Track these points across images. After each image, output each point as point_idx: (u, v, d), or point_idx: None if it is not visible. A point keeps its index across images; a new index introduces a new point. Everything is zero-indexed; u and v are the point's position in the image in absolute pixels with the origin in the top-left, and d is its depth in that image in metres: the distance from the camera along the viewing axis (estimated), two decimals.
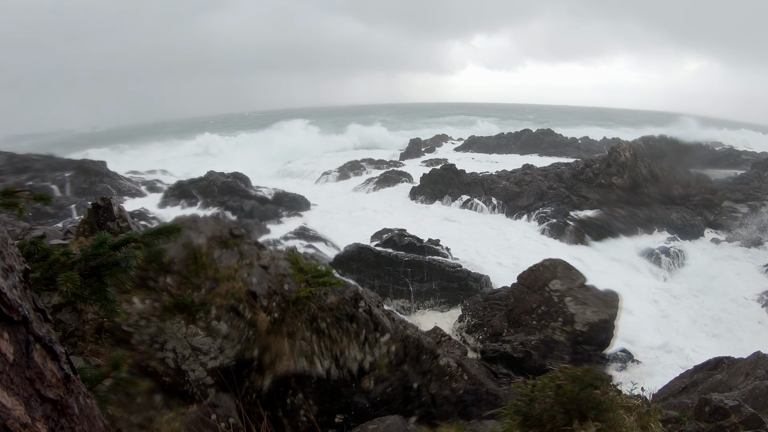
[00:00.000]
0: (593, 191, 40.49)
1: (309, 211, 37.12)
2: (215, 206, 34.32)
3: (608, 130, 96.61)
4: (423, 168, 50.43)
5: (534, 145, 74.56)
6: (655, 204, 38.00)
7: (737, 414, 7.14)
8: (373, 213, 39.21)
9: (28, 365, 1.54)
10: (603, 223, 33.83)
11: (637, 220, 34.63)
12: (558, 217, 35.33)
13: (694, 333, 21.65)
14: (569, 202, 38.75)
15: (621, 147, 43.01)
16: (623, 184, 40.34)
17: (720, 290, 26.13)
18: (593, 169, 42.28)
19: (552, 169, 45.57)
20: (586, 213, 36.32)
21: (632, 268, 28.85)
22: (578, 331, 17.36)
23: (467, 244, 30.13)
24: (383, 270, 23.00)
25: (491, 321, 19.17)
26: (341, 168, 51.49)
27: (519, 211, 37.52)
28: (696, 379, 12.27)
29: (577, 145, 75.61)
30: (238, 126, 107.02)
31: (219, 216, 22.14)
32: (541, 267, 19.54)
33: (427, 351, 10.12)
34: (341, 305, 9.29)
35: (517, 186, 40.32)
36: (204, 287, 8.50)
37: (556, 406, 3.98)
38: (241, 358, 8.13)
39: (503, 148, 74.33)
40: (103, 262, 2.49)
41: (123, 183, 44.13)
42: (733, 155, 67.57)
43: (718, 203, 40.22)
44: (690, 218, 36.29)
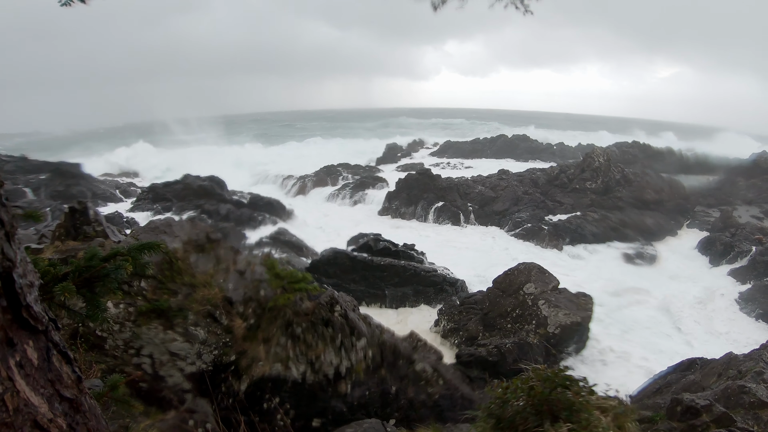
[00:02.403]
0: (568, 196, 40.99)
1: (285, 216, 36.99)
2: (191, 210, 34.00)
3: (583, 136, 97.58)
4: (399, 173, 50.56)
5: (509, 150, 75.07)
6: (629, 208, 38.50)
7: (708, 413, 7.29)
8: (349, 217, 39.27)
9: (49, 368, 1.76)
10: (577, 227, 34.18)
11: (610, 223, 35.04)
12: (533, 221, 35.62)
13: (670, 334, 21.95)
14: (544, 206, 39.13)
15: (595, 153, 43.61)
16: (597, 188, 40.89)
17: (693, 292, 26.55)
18: (568, 175, 42.81)
19: (527, 174, 45.93)
20: (560, 217, 36.69)
21: (606, 271, 29.19)
22: (551, 333, 17.58)
23: (442, 248, 30.29)
24: (359, 274, 23.02)
25: (467, 325, 19.31)
26: (317, 173, 51.36)
27: (494, 216, 37.73)
28: (670, 380, 12.48)
29: (552, 151, 76.26)
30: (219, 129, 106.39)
31: (195, 220, 22.04)
32: (515, 271, 19.76)
33: (404, 356, 10.19)
34: (317, 310, 9.31)
35: (493, 191, 40.62)
36: (181, 293, 8.49)
37: (528, 408, 4.07)
38: (219, 362, 8.14)
39: (479, 153, 74.69)
40: (95, 274, 2.64)
41: (98, 186, 43.43)
42: (706, 160, 68.49)
43: (691, 208, 40.92)
44: (664, 222, 36.80)
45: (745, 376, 9.30)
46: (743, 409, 8.14)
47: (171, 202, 35.65)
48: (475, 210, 38.69)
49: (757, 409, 8.10)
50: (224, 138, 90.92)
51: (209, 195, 36.34)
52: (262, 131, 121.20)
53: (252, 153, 71.09)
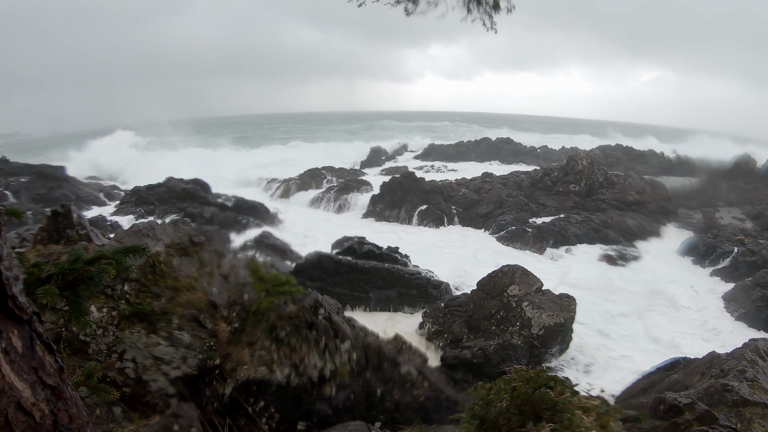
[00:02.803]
0: (551, 198, 41.27)
1: (269, 219, 36.86)
2: (174, 213, 33.74)
3: (566, 140, 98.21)
4: (383, 176, 50.58)
5: (493, 153, 75.35)
6: (611, 210, 38.79)
7: (691, 411, 7.39)
8: (333, 221, 39.23)
9: (33, 356, 1.86)
10: (560, 229, 34.36)
11: (592, 225, 35.26)
12: (517, 224, 35.76)
13: (653, 334, 22.09)
14: (528, 209, 39.35)
15: (578, 156, 43.88)
16: (580, 191, 41.21)
17: (676, 292, 26.79)
18: (551, 177, 43.09)
19: (511, 177, 46.12)
20: (544, 220, 36.89)
21: (588, 272, 29.36)
22: (535, 334, 17.68)
23: (426, 251, 30.35)
24: (343, 278, 23.00)
25: (451, 327, 19.36)
26: (302, 176, 51.21)
27: (478, 219, 37.86)
28: (654, 379, 12.58)
29: (536, 154, 76.64)
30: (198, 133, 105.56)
31: (178, 223, 21.92)
32: (499, 273, 19.83)
33: (389, 359, 10.20)
34: (301, 313, 9.31)
35: (477, 194, 40.72)
36: (164, 296, 8.46)
37: (511, 409, 4.10)
38: (204, 366, 8.12)
39: (463, 156, 74.88)
40: (79, 276, 2.67)
41: (82, 189, 42.84)
42: (688, 162, 69.20)
43: (673, 209, 41.28)
44: (646, 224, 37.10)
45: (728, 374, 9.42)
46: (726, 407, 8.26)
47: (154, 206, 35.37)
48: (459, 213, 38.77)
49: (740, 406, 8.22)
50: (207, 141, 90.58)
51: (193, 198, 36.11)
52: (245, 134, 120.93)
53: (236, 156, 70.85)
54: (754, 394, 8.58)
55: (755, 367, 9.55)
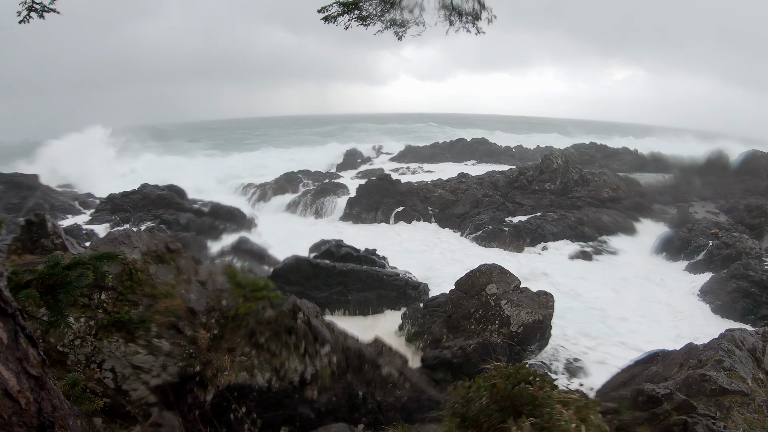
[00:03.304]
0: (527, 197, 41.51)
1: (246, 224, 36.71)
2: (150, 220, 33.42)
3: (541, 139, 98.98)
4: (359, 179, 50.56)
5: (469, 153, 75.65)
6: (587, 207, 39.17)
7: (669, 401, 7.52)
8: (311, 224, 39.19)
9: (18, 348, 1.96)
10: (537, 228, 34.63)
11: (568, 222, 35.56)
12: (493, 223, 35.97)
13: (630, 328, 22.33)
14: (504, 209, 39.56)
15: (553, 155, 44.24)
16: (556, 189, 41.54)
17: (652, 286, 27.15)
18: (527, 177, 43.33)
19: (487, 177, 46.30)
20: (520, 219, 37.14)
21: (565, 268, 29.63)
22: (514, 332, 17.79)
23: (404, 253, 30.41)
24: (322, 281, 22.95)
25: (431, 328, 19.40)
26: (278, 180, 51.01)
27: (455, 219, 38.02)
28: (633, 372, 12.72)
29: (511, 154, 77.10)
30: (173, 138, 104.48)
31: (154, 230, 21.74)
32: (477, 272, 19.92)
33: (369, 361, 10.23)
34: (279, 318, 9.31)
35: (453, 194, 40.89)
36: (142, 304, 8.41)
37: (491, 405, 4.14)
38: (184, 374, 8.08)
39: (438, 157, 75.06)
40: (58, 281, 2.71)
41: (56, 198, 41.98)
42: (661, 159, 70.08)
43: (647, 205, 41.75)
44: (621, 220, 37.48)
45: (706, 364, 9.58)
46: (705, 397, 8.41)
47: (130, 213, 34.99)
48: (435, 214, 38.93)
49: (719, 395, 8.39)
50: (181, 146, 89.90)
51: (168, 204, 35.80)
52: (220, 138, 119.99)
53: (211, 161, 70.35)
54: (732, 383, 8.75)
55: (732, 356, 9.72)
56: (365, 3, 7.24)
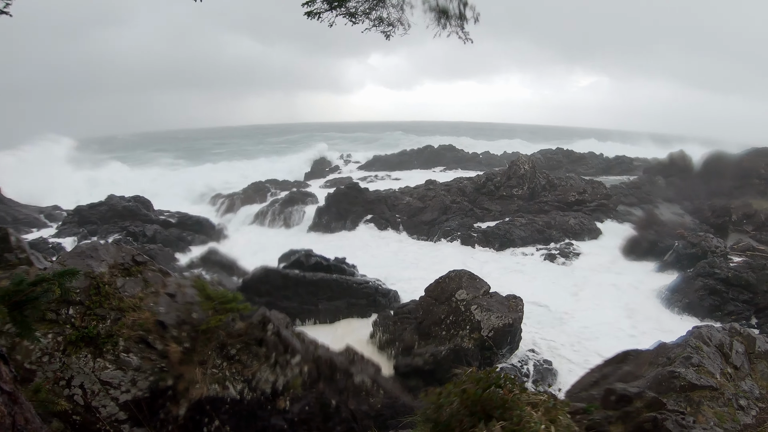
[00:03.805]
0: (495, 203, 41.95)
1: (215, 234, 36.45)
2: (116, 232, 32.95)
3: (508, 145, 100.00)
4: (328, 188, 50.52)
5: (436, 160, 76.14)
6: (554, 211, 39.72)
7: (640, 399, 7.64)
8: (279, 234, 39.02)
9: None
10: (505, 233, 34.93)
11: (536, 227, 35.95)
12: (462, 229, 36.25)
13: (600, 329, 22.59)
14: (472, 214, 39.87)
15: (520, 160, 44.86)
16: (523, 194, 42.05)
17: (620, 287, 27.53)
18: (495, 182, 43.75)
19: (454, 183, 46.61)
20: (489, 224, 37.46)
21: (533, 272, 29.93)
22: (485, 336, 17.91)
23: (373, 261, 30.44)
24: (291, 291, 22.83)
25: (402, 335, 19.43)
26: (245, 190, 50.74)
27: (423, 226, 38.18)
28: (605, 372, 12.86)
29: (479, 160, 77.72)
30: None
31: (121, 242, 21.45)
32: (446, 278, 20.02)
33: (341, 370, 10.24)
34: (249, 330, 9.28)
35: (421, 201, 41.09)
36: (109, 318, 8.33)
37: (462, 410, 4.20)
38: (155, 388, 8.00)
39: (406, 164, 75.40)
40: (24, 297, 2.73)
41: (20, 211, 40.79)
42: (626, 162, 71.36)
43: (613, 207, 42.41)
44: (587, 222, 37.96)
45: (675, 362, 9.77)
46: (675, 393, 8.60)
47: (97, 225, 34.48)
48: (403, 221, 39.05)
49: (688, 391, 8.58)
50: (147, 156, 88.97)
51: (135, 216, 35.37)
52: (186, 148, 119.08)
53: (177, 171, 69.67)
54: (701, 378, 8.96)
55: (700, 352, 9.92)
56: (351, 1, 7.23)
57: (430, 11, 7.25)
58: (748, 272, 25.57)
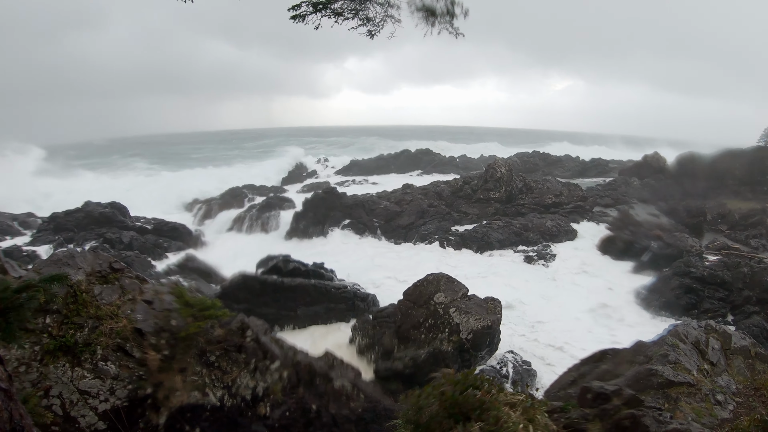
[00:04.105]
0: (472, 206, 42.18)
1: (192, 241, 36.22)
2: (93, 239, 32.59)
3: (484, 148, 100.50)
4: (305, 193, 50.45)
5: (413, 165, 76.40)
6: (531, 213, 40.07)
7: (618, 397, 7.74)
8: (257, 239, 38.84)
9: None
10: (483, 236, 35.11)
11: (513, 229, 36.16)
12: (439, 233, 36.42)
13: (577, 329, 22.81)
14: (450, 218, 40.06)
15: (497, 163, 45.08)
16: (500, 197, 42.31)
17: (597, 288, 27.83)
18: (471, 186, 44.01)
19: (431, 187, 46.79)
20: (466, 227, 37.65)
21: (511, 274, 30.11)
22: (464, 339, 18.00)
23: (351, 265, 30.42)
24: (270, 297, 22.74)
25: (381, 339, 19.46)
26: (223, 195, 50.50)
27: (400, 230, 38.29)
28: (583, 371, 12.96)
29: (456, 164, 78.13)
30: None
31: (97, 249, 21.21)
32: (425, 282, 20.08)
33: (320, 374, 10.26)
34: (229, 336, 9.27)
35: (398, 206, 41.18)
36: (87, 326, 8.26)
37: (441, 412, 4.26)
38: (134, 397, 7.95)
39: (383, 169, 75.56)
40: (9, 304, 2.75)
41: None
42: (601, 164, 72.17)
43: (589, 209, 42.85)
44: (564, 224, 38.28)
45: (653, 359, 9.91)
46: (653, 390, 8.73)
47: (73, 232, 34.05)
48: (381, 225, 39.09)
49: (666, 388, 8.72)
50: (123, 162, 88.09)
51: (111, 222, 35.02)
52: (163, 153, 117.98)
53: (154, 176, 68.97)
54: (678, 375, 9.11)
55: (677, 350, 10.08)
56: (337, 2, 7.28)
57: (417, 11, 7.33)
58: (724, 270, 26.08)
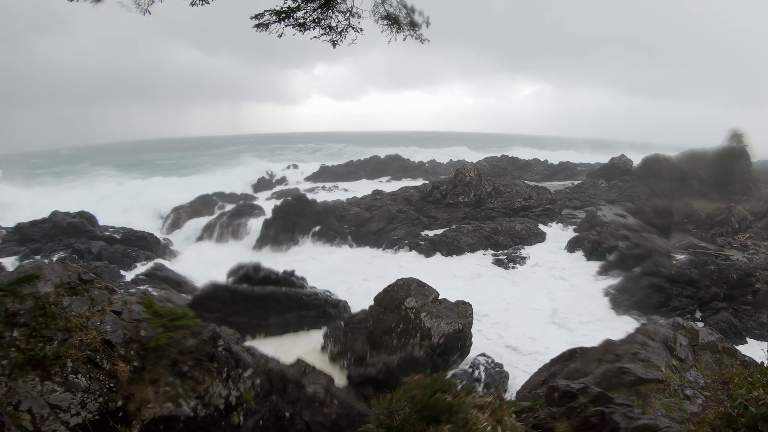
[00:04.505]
0: (442, 211, 42.47)
1: (161, 250, 35.81)
2: (61, 250, 32.02)
3: (452, 153, 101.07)
4: (275, 200, 50.19)
5: (383, 170, 76.47)
6: (501, 217, 40.56)
7: (584, 395, 7.88)
8: (228, 248, 38.58)
9: None
10: (453, 240, 35.35)
11: (483, 233, 36.47)
12: (409, 238, 36.60)
13: (547, 330, 23.11)
14: (419, 223, 40.33)
15: (466, 168, 45.44)
16: (470, 202, 42.66)
17: (566, 288, 28.21)
18: (441, 191, 44.28)
19: (401, 192, 47.09)
20: (436, 232, 37.86)
21: (482, 277, 30.34)
22: (436, 343, 18.11)
23: (322, 272, 30.42)
24: (241, 306, 22.59)
25: (353, 345, 19.49)
26: (192, 203, 49.99)
27: (370, 236, 38.41)
28: (553, 371, 13.11)
29: (425, 169, 78.52)
30: None
31: (66, 260, 20.91)
32: (395, 287, 20.16)
33: (292, 381, 10.30)
34: (201, 346, 9.26)
35: (368, 211, 41.29)
36: (56, 339, 8.20)
37: (413, 415, 4.37)
38: (105, 410, 7.91)
39: (353, 175, 75.53)
40: None
41: None
42: (570, 168, 73.14)
43: (558, 211, 43.47)
44: (533, 227, 38.72)
45: (623, 358, 10.08)
46: (625, 388, 8.88)
47: (40, 243, 33.39)
48: (351, 231, 39.15)
49: (637, 385, 8.88)
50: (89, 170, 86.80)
51: (80, 232, 34.43)
52: (130, 161, 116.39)
53: (122, 185, 67.93)
54: (648, 372, 9.28)
55: (647, 348, 10.26)
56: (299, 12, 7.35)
57: (382, 19, 7.47)
58: (691, 269, 26.67)
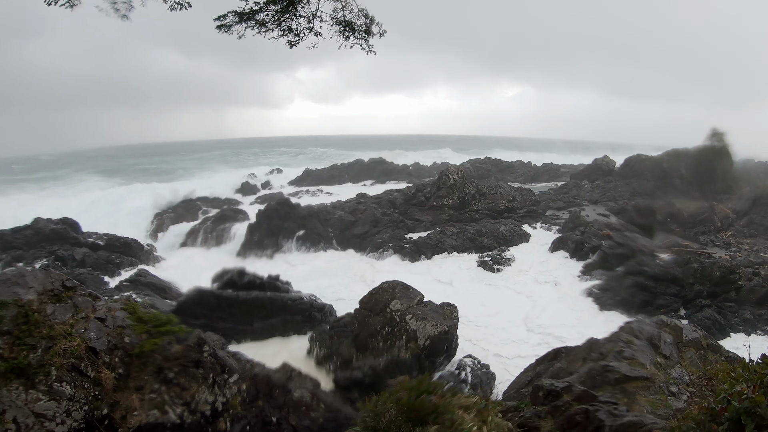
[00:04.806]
0: (426, 214, 42.56)
1: (144, 256, 35.60)
2: (44, 257, 31.73)
3: (436, 156, 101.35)
4: (259, 204, 50.02)
5: (367, 174, 76.47)
6: (485, 219, 40.75)
7: (569, 393, 7.93)
8: (212, 252, 38.44)
9: None
10: (437, 242, 35.49)
11: (468, 235, 36.61)
12: (393, 241, 36.64)
13: (533, 330, 23.25)
14: (404, 226, 40.39)
15: (449, 170, 45.61)
16: (454, 204, 42.79)
17: (550, 288, 28.39)
18: (425, 193, 44.36)
19: (385, 196, 47.16)
20: (420, 235, 37.95)
21: (467, 279, 30.45)
22: (422, 345, 18.15)
23: (307, 276, 30.41)
24: (226, 312, 22.52)
25: (339, 349, 19.50)
26: (176, 208, 49.77)
27: (355, 239, 38.47)
28: (539, 370, 13.19)
29: (409, 172, 78.57)
30: None
31: (49, 267, 20.73)
32: (380, 290, 20.19)
33: (279, 386, 10.30)
34: (186, 352, 9.24)
35: (352, 215, 41.28)
36: (40, 347, 8.16)
37: (399, 417, 4.41)
38: (91, 418, 7.87)
39: (337, 179, 75.43)
40: None
41: None
42: (553, 169, 73.60)
43: (542, 212, 43.74)
44: (517, 228, 38.93)
45: (607, 356, 10.17)
46: (610, 386, 8.96)
47: (22, 250, 33.04)
48: (336, 235, 39.15)
49: (623, 383, 8.96)
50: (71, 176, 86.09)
51: (63, 239, 34.12)
52: (112, 166, 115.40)
53: (104, 190, 67.41)
54: (634, 370, 9.36)
55: (631, 346, 10.35)
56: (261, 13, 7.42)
57: (337, 24, 7.55)
58: (675, 267, 26.98)
